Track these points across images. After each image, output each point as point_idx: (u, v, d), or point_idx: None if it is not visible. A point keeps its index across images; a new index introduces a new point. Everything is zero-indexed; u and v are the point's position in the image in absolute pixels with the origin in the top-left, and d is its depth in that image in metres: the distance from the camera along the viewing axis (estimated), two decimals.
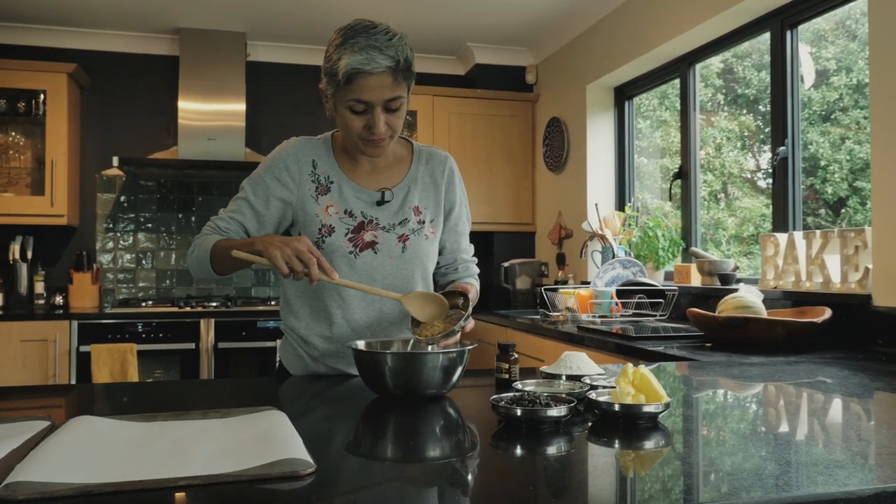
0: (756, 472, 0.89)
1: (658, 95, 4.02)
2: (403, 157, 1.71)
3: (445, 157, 1.75)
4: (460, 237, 1.79)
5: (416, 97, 4.57)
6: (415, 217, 1.67)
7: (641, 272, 3.31)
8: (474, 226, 4.62)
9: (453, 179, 1.74)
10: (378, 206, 1.64)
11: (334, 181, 1.64)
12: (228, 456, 0.92)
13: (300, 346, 1.67)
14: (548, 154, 4.56)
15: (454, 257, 1.78)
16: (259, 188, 1.63)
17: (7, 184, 4.25)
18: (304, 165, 1.64)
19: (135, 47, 4.51)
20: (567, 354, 1.47)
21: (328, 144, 1.68)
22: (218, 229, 1.63)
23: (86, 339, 3.80)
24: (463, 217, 1.78)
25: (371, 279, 1.62)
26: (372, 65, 1.45)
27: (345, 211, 1.62)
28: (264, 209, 1.63)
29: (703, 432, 1.17)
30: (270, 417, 1.12)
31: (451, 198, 1.74)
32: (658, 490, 0.86)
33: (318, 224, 1.61)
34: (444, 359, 1.32)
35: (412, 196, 1.68)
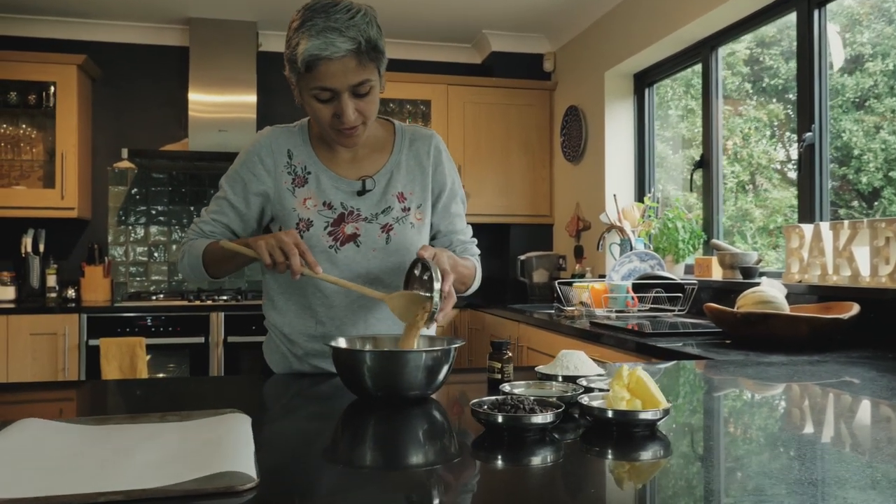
0: (769, 496, 0.78)
1: (683, 84, 3.87)
2: (385, 141, 1.60)
3: (430, 136, 1.63)
4: (455, 218, 1.66)
5: (430, 86, 4.46)
6: (399, 204, 1.56)
7: (660, 265, 3.17)
8: (489, 217, 4.55)
9: (441, 159, 1.63)
10: (359, 196, 1.54)
11: (311, 171, 1.54)
12: (167, 466, 0.83)
13: (283, 343, 1.58)
14: (565, 144, 4.43)
15: (450, 240, 1.66)
16: (237, 185, 1.55)
17: (19, 176, 4.23)
18: (279, 157, 1.54)
19: (145, 38, 4.46)
20: (564, 353, 1.36)
21: (304, 132, 1.58)
22: (203, 234, 1.56)
23: (95, 332, 3.77)
24: (456, 197, 1.67)
25: (354, 275, 1.52)
26: (331, 49, 1.33)
27: (323, 203, 1.53)
28: (245, 207, 1.55)
29: (708, 443, 1.06)
30: (229, 422, 1.03)
31: (441, 179, 1.62)
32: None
33: (296, 218, 1.52)
34: (428, 358, 1.22)
35: (395, 181, 1.57)
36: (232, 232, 1.58)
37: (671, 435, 1.05)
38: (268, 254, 1.33)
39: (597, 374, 1.32)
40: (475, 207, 4.49)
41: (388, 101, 4.54)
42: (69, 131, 4.06)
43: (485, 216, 4.53)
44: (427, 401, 1.26)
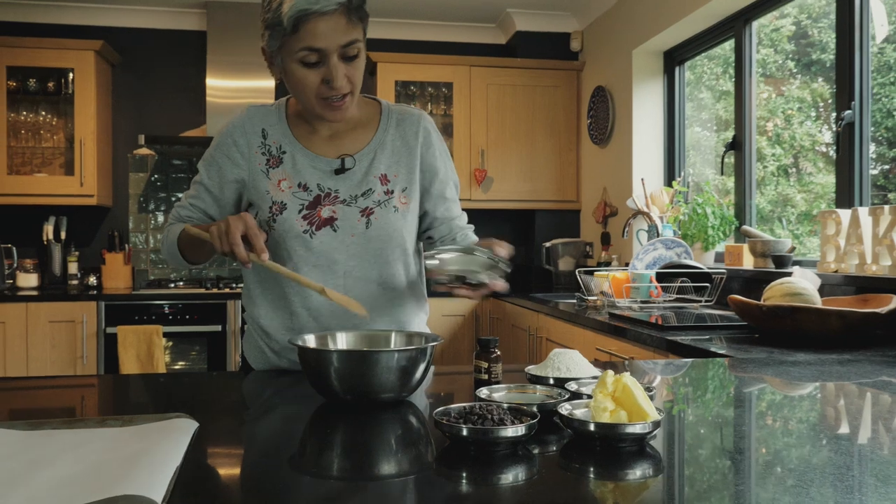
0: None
1: (722, 63, 3.67)
2: (370, 119, 1.49)
3: (419, 117, 1.51)
4: (451, 204, 1.55)
5: (452, 67, 4.33)
6: (381, 186, 1.44)
7: (686, 253, 3.00)
8: (513, 203, 4.41)
9: (430, 140, 1.51)
10: (337, 176, 1.43)
11: (287, 150, 1.44)
12: (69, 486, 0.73)
13: (261, 337, 1.48)
14: (592, 126, 4.26)
15: (449, 227, 1.54)
16: (212, 169, 1.46)
17: (41, 164, 4.22)
18: (252, 137, 1.44)
19: (163, 23, 4.41)
20: (556, 353, 1.24)
21: (281, 110, 1.47)
22: (180, 219, 1.49)
23: (113, 320, 3.75)
24: (449, 182, 1.55)
25: (332, 262, 1.41)
26: (321, 3, 1.24)
27: (298, 184, 1.42)
28: (220, 192, 1.47)
29: (708, 462, 0.92)
30: (167, 431, 0.93)
31: (432, 162, 1.51)
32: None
33: (269, 202, 1.42)
34: (402, 358, 1.11)
35: (378, 162, 1.45)
36: (209, 217, 1.50)
37: (664, 451, 0.93)
38: (218, 241, 1.24)
39: (591, 376, 1.19)
40: (499, 193, 4.36)
41: (409, 83, 4.42)
42: (88, 118, 4.04)
43: (509, 202, 4.40)
44: (402, 404, 1.16)
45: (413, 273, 1.52)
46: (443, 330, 4.03)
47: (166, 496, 0.71)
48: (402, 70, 4.29)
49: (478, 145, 4.36)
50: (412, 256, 1.51)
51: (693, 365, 1.55)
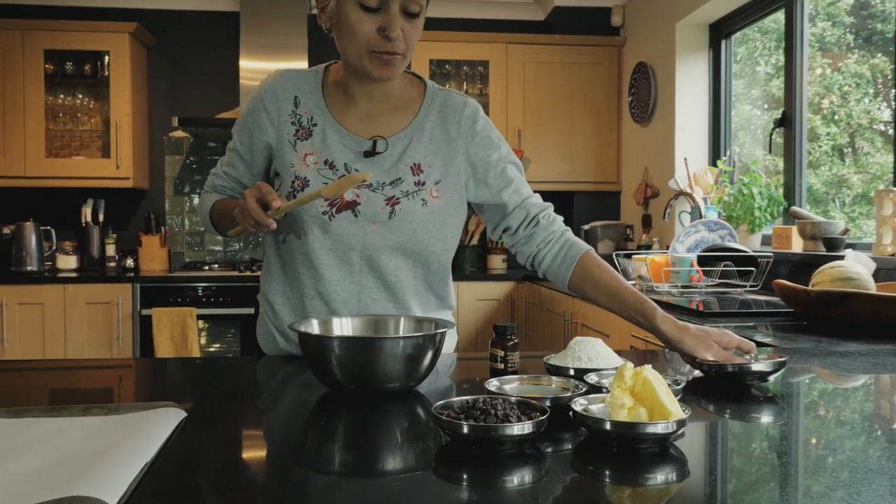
0: None
1: (775, 37, 3.47)
2: (411, 100, 1.39)
3: (463, 105, 1.39)
4: (518, 185, 1.41)
5: (488, 45, 4.21)
6: (412, 177, 1.34)
7: (731, 235, 2.85)
8: (551, 185, 4.28)
9: (475, 131, 1.39)
10: (367, 158, 1.34)
11: (318, 123, 1.35)
12: (26, 482, 0.68)
13: (271, 320, 1.42)
14: (634, 104, 4.10)
15: (525, 209, 1.41)
16: (244, 135, 1.39)
17: (79, 147, 4.25)
18: (283, 104, 1.36)
19: (197, 4, 4.39)
20: (578, 341, 1.15)
21: (318, 78, 1.38)
22: (214, 188, 1.46)
23: (148, 302, 3.76)
24: (506, 164, 1.41)
25: (348, 248, 1.33)
26: None
27: (325, 161, 1.33)
28: (251, 159, 1.40)
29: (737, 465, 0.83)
30: (150, 420, 0.87)
31: (481, 153, 1.39)
32: None
33: (292, 175, 1.34)
34: (408, 345, 1.03)
35: (414, 149, 1.35)
36: (244, 186, 1.44)
37: (690, 453, 0.83)
38: (243, 220, 1.23)
39: (615, 367, 1.10)
40: (536, 174, 4.24)
41: (444, 62, 4.32)
42: (123, 101, 4.04)
43: (547, 183, 4.27)
44: (409, 395, 1.08)
45: (437, 274, 1.41)
46: (477, 314, 3.94)
47: (125, 496, 0.65)
48: (436, 48, 4.19)
49: (514, 125, 4.24)
50: (440, 255, 1.39)
51: None
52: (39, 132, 4.00)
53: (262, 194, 1.20)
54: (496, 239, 1.50)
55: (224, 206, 1.40)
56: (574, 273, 1.39)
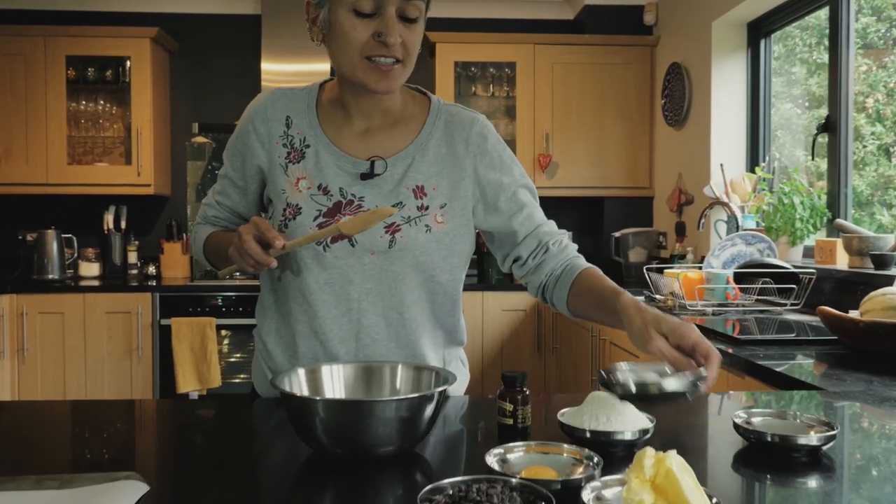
0: None
1: (816, 33, 3.28)
2: (413, 117, 1.28)
3: (472, 121, 1.28)
4: (530, 210, 1.30)
5: (515, 46, 4.07)
6: (415, 200, 1.22)
7: (770, 249, 2.68)
8: (580, 190, 4.13)
9: (485, 149, 1.27)
10: (364, 181, 1.23)
11: (311, 144, 1.24)
12: None
13: (264, 359, 1.32)
14: (667, 106, 3.93)
15: (537, 237, 1.29)
16: (235, 160, 1.30)
17: (102, 153, 4.22)
18: (274, 125, 1.25)
19: (218, 7, 4.32)
20: (595, 396, 1.02)
21: (312, 96, 1.27)
22: (207, 219, 1.37)
23: (167, 311, 3.71)
24: (518, 187, 1.29)
25: (346, 282, 1.22)
26: None
27: (318, 186, 1.23)
28: (245, 184, 1.30)
29: None
30: (106, 497, 0.77)
31: (491, 175, 1.27)
32: None
33: (283, 202, 1.23)
34: (402, 408, 0.91)
35: (416, 170, 1.24)
36: (238, 216, 1.34)
37: None
38: (235, 253, 1.13)
39: (640, 430, 0.97)
40: (565, 179, 4.09)
41: (469, 64, 4.19)
42: (144, 106, 4.00)
43: (576, 189, 4.13)
44: (405, 458, 0.96)
45: (444, 307, 1.29)
46: (503, 325, 3.82)
47: None
48: (462, 50, 4.06)
49: (542, 129, 4.10)
50: (446, 286, 1.27)
51: (761, 400, 1.29)
52: (61, 139, 3.97)
53: (261, 232, 1.10)
54: (506, 270, 1.38)
55: (218, 240, 1.30)
56: (570, 294, 1.26)
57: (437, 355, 1.31)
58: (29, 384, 3.69)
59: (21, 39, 3.93)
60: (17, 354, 3.68)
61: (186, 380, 3.63)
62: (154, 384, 3.72)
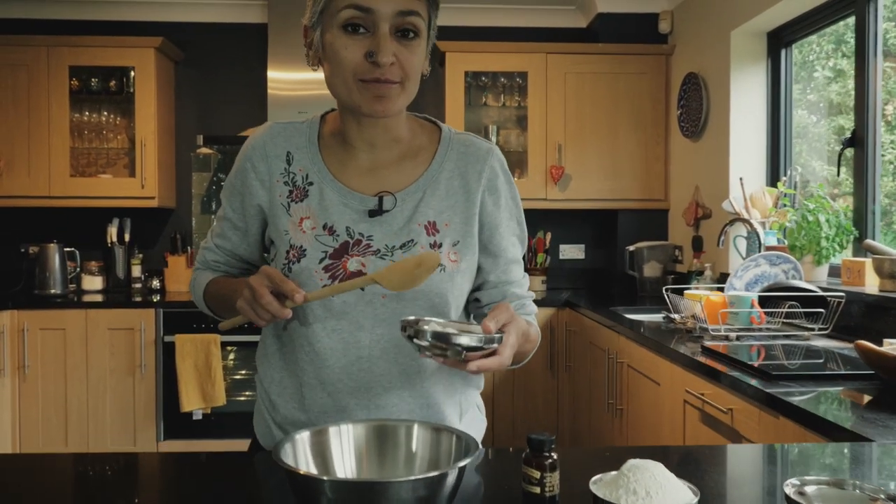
0: None
1: (833, 39, 3.18)
2: (423, 148, 1.19)
3: (487, 153, 1.20)
4: (510, 265, 1.23)
5: (527, 55, 3.98)
6: (427, 237, 1.14)
7: (795, 271, 2.58)
8: (593, 203, 4.03)
9: (496, 185, 1.20)
10: (372, 219, 1.14)
11: (314, 182, 1.16)
12: None
13: (267, 409, 1.23)
14: (683, 117, 3.83)
15: (503, 292, 1.23)
16: (234, 200, 1.21)
17: (105, 164, 4.15)
18: (274, 162, 1.17)
19: (224, 16, 4.25)
20: (633, 466, 0.92)
21: (313, 129, 1.19)
22: (207, 264, 1.29)
23: (171, 328, 3.62)
24: (514, 238, 1.23)
25: (356, 327, 1.13)
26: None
27: (324, 226, 1.14)
28: (245, 225, 1.21)
29: None
30: None
31: (495, 213, 1.20)
32: None
33: (286, 244, 1.15)
34: (420, 487, 0.81)
35: (427, 205, 1.15)
36: (240, 260, 1.26)
37: None
38: (246, 305, 1.04)
39: None
40: (577, 192, 4.00)
41: (480, 74, 4.09)
42: (148, 118, 3.92)
43: (589, 201, 4.03)
44: None
45: None
46: None
47: None
48: (472, 60, 3.97)
49: (554, 140, 4.00)
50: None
51: (815, 460, 1.18)
52: (64, 151, 3.89)
53: (276, 284, 1.02)
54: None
55: (220, 288, 1.20)
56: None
57: (453, 402, 1.22)
58: (29, 402, 3.61)
59: (24, 49, 3.86)
60: (18, 372, 3.60)
61: (190, 398, 3.54)
62: (157, 403, 3.63)
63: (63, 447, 3.61)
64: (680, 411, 2.18)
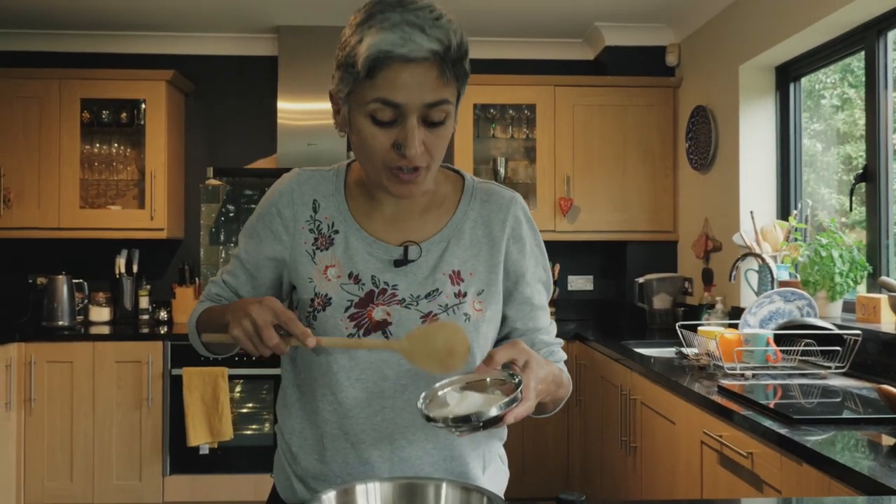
0: None
1: (840, 69, 3.20)
2: (446, 198, 1.20)
3: (511, 201, 1.20)
4: (537, 311, 1.22)
5: (536, 88, 4.00)
6: (451, 287, 1.14)
7: (810, 307, 2.56)
8: (602, 234, 4.02)
9: (520, 234, 1.20)
10: (397, 269, 1.14)
11: (340, 230, 1.16)
12: None
13: (289, 461, 1.20)
14: (692, 149, 3.83)
15: (531, 340, 1.21)
16: (251, 242, 1.21)
17: (115, 196, 4.16)
18: (300, 209, 1.17)
19: (235, 49, 4.29)
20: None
21: (339, 178, 1.20)
22: (210, 297, 1.25)
23: (178, 361, 3.61)
24: (540, 285, 1.23)
25: (380, 378, 1.12)
26: (410, 46, 0.97)
27: (349, 274, 1.13)
28: (255, 271, 1.21)
29: None
30: None
31: (520, 262, 1.20)
32: None
33: (311, 292, 1.14)
34: None
35: (451, 255, 1.16)
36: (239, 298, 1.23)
37: None
38: (249, 343, 1.01)
39: None
40: (586, 223, 3.99)
41: (489, 106, 4.11)
42: (158, 150, 3.94)
43: (598, 233, 4.02)
44: None
45: None
46: None
47: None
48: (481, 92, 3.99)
49: (563, 172, 4.01)
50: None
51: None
52: (74, 182, 3.91)
53: (283, 323, 1.00)
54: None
55: (213, 315, 1.15)
56: None
57: (476, 454, 1.20)
58: (35, 436, 3.59)
59: (36, 82, 3.90)
60: (24, 405, 3.58)
61: (198, 433, 3.51)
62: (164, 437, 3.60)
63: (68, 482, 3.58)
64: (697, 452, 2.15)
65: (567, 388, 1.19)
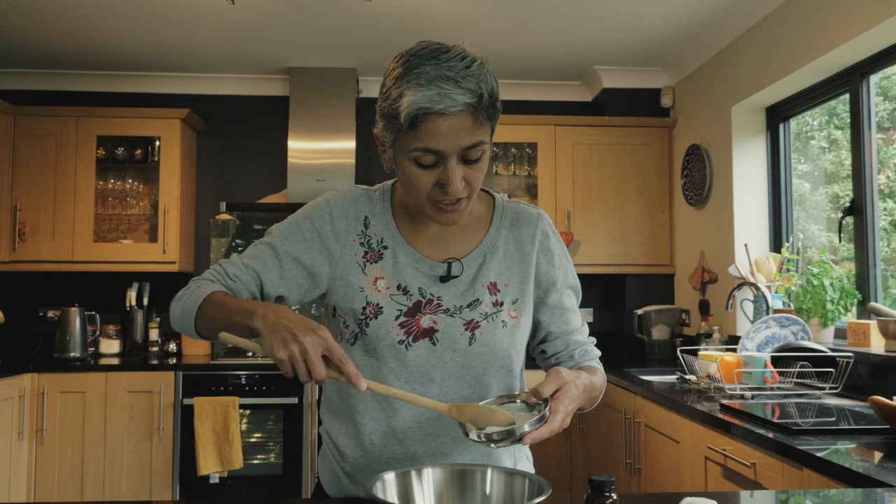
0: None
1: (826, 112, 3.38)
2: (481, 217, 1.32)
3: (537, 217, 1.33)
4: (569, 314, 1.35)
5: (537, 127, 4.17)
6: (489, 297, 1.26)
7: (804, 332, 2.69)
8: (602, 268, 4.16)
9: (548, 246, 1.32)
10: (442, 283, 1.26)
11: (389, 246, 1.27)
12: None
13: (334, 456, 1.31)
14: (687, 186, 4.00)
15: (566, 342, 1.34)
16: (292, 237, 1.25)
17: (127, 230, 4.27)
18: (353, 222, 1.28)
19: (248, 89, 4.46)
20: (690, 502, 1.01)
21: (386, 198, 1.31)
22: (224, 276, 1.22)
23: (190, 391, 3.68)
24: (569, 290, 1.35)
25: (427, 380, 1.23)
26: (446, 102, 1.08)
27: (398, 286, 1.25)
28: (286, 264, 1.24)
29: None
30: None
31: (549, 271, 1.32)
32: None
33: (363, 301, 1.25)
34: None
35: (488, 268, 1.28)
36: (259, 287, 1.24)
37: None
38: (290, 366, 1.00)
39: None
40: (586, 257, 4.13)
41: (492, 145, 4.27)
42: (172, 186, 4.07)
43: (597, 266, 4.16)
44: None
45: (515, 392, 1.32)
46: None
47: None
48: None
49: (563, 208, 4.16)
50: (517, 378, 1.32)
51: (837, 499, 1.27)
52: (89, 217, 4.02)
53: (335, 359, 1.02)
54: (531, 354, 1.41)
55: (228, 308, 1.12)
56: None
57: (508, 451, 1.31)
58: (46, 466, 3.63)
59: (53, 120, 4.03)
60: (37, 435, 3.63)
61: (208, 462, 3.57)
62: (174, 466, 3.66)
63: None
64: (701, 467, 2.25)
65: (600, 389, 1.30)
